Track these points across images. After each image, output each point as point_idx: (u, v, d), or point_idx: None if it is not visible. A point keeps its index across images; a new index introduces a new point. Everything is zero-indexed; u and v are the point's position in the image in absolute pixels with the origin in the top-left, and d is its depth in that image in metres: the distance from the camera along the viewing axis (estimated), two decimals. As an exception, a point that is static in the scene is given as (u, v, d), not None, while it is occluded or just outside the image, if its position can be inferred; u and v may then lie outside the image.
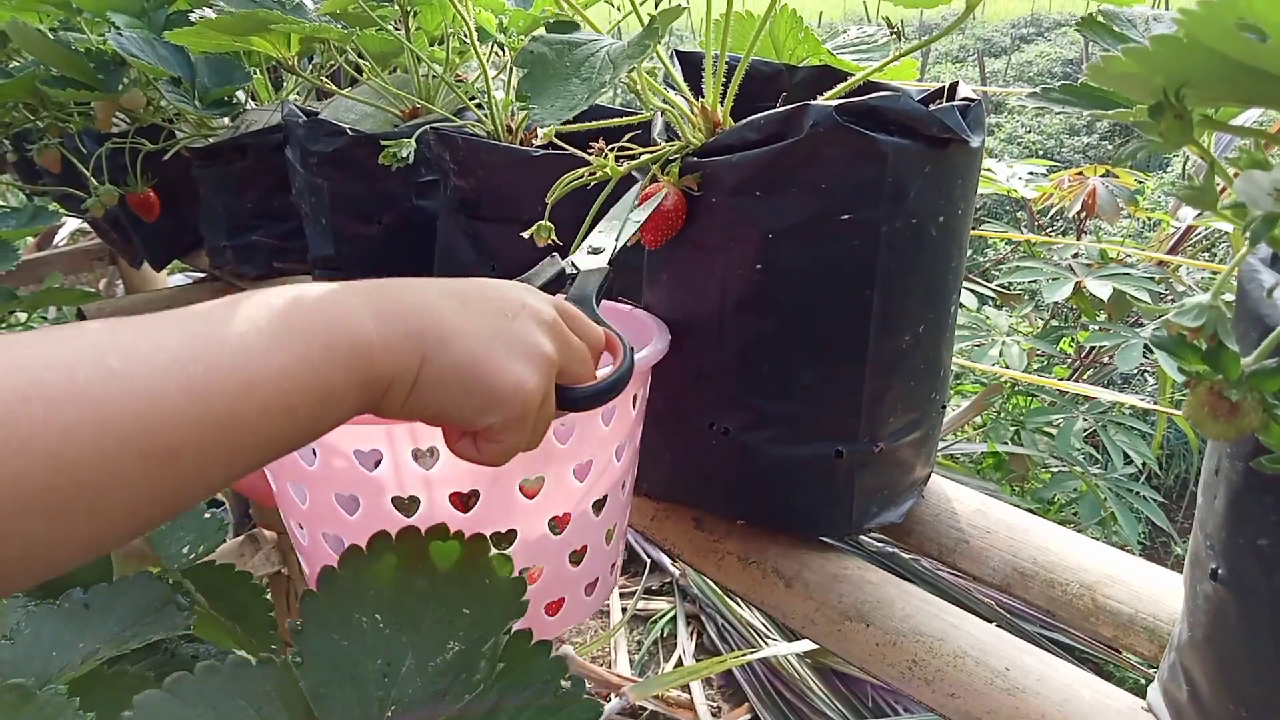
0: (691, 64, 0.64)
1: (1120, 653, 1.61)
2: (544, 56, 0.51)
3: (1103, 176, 2.49)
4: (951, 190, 0.57)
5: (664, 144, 0.60)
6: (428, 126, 0.79)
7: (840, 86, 0.61)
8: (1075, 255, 2.35)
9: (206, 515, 0.72)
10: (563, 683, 0.45)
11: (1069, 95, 0.51)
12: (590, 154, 0.60)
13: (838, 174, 0.54)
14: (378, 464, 0.50)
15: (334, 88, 0.96)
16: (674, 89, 0.61)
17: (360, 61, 0.95)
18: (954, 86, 0.61)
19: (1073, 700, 0.49)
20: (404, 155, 0.76)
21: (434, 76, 0.94)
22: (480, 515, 0.51)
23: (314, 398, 0.33)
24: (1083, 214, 2.52)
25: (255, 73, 1.03)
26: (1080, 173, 2.57)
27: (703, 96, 0.61)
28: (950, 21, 0.57)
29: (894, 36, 0.58)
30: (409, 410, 0.38)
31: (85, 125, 1.10)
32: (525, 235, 0.61)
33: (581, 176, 0.60)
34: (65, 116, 1.08)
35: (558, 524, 0.54)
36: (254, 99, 1.10)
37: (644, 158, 0.59)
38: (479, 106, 0.86)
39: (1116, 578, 0.59)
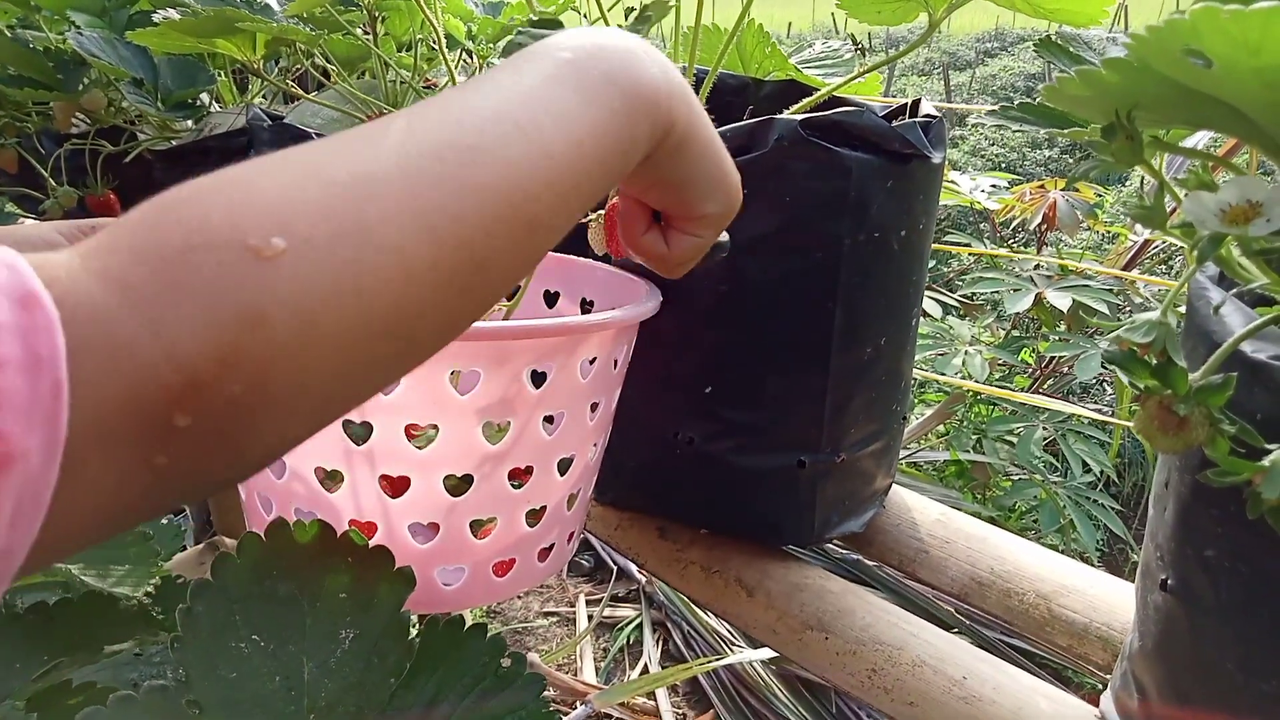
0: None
1: (1076, 660, 1.64)
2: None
3: (1063, 190, 2.54)
4: (913, 205, 0.58)
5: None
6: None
7: (805, 101, 0.61)
8: (1036, 267, 2.39)
9: (164, 521, 0.71)
10: (503, 662, 0.45)
11: (1027, 114, 0.52)
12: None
13: (802, 187, 0.55)
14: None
15: (300, 92, 0.95)
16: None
17: (327, 66, 0.94)
18: (916, 103, 0.62)
19: (1027, 708, 0.50)
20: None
21: (401, 82, 0.94)
22: (436, 453, 0.49)
23: (622, 148, 0.34)
24: (1044, 226, 2.57)
25: (220, 75, 1.02)
26: (1042, 186, 2.62)
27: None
28: (916, 35, 0.58)
29: (859, 52, 0.58)
30: (668, 166, 0.38)
31: (44, 125, 1.08)
32: None
33: None
34: (23, 116, 1.06)
35: (518, 477, 0.52)
36: (218, 102, 1.09)
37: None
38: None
39: (1072, 588, 0.60)
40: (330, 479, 0.51)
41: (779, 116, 0.55)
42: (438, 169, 0.28)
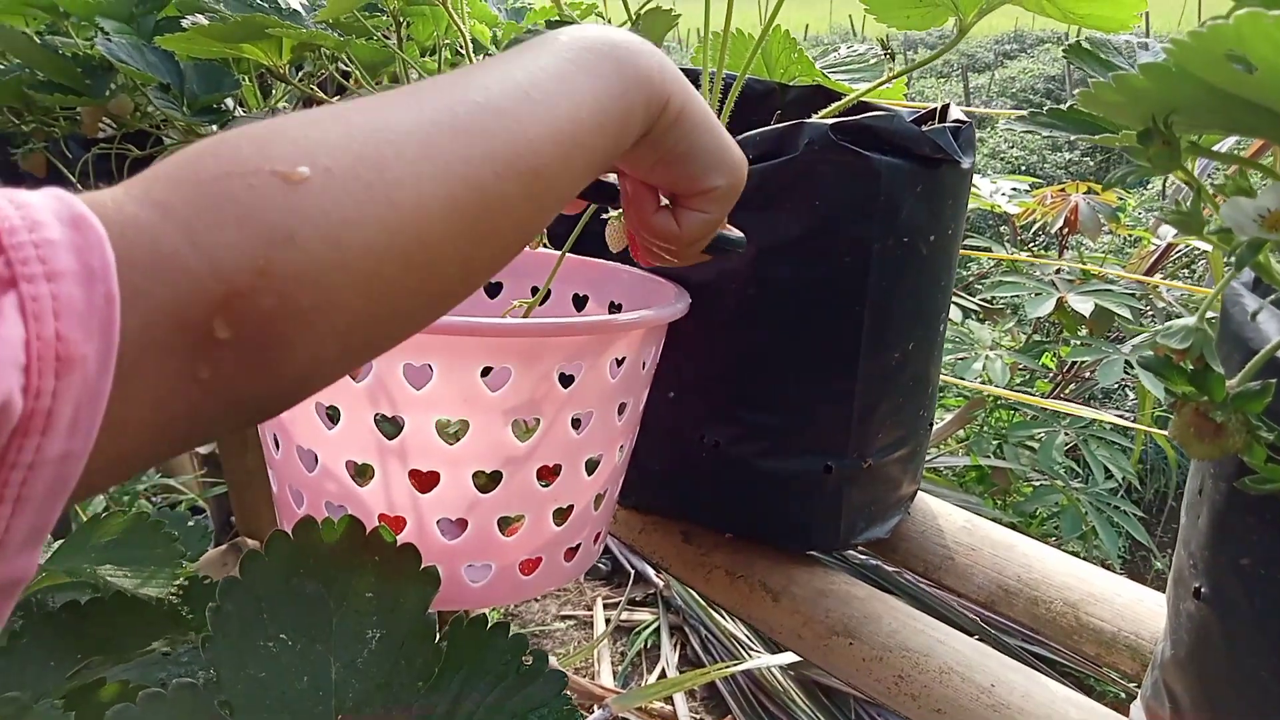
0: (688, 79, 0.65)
1: (1102, 669, 1.62)
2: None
3: (1085, 194, 2.52)
4: (942, 210, 0.58)
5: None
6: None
7: (833, 106, 0.61)
8: (1058, 271, 2.37)
9: (190, 523, 0.72)
10: (524, 660, 0.45)
11: (1057, 120, 0.51)
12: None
13: (831, 191, 0.55)
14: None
15: (324, 96, 0.95)
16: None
17: (351, 70, 0.95)
18: (945, 108, 0.62)
19: (1057, 717, 0.50)
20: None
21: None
22: (465, 449, 0.49)
23: (620, 116, 0.36)
24: (1065, 230, 2.55)
25: (244, 80, 1.03)
26: (1063, 189, 2.60)
27: (696, 112, 0.61)
28: (934, 38, 0.58)
29: (888, 56, 0.58)
30: (669, 140, 0.40)
31: (71, 130, 1.09)
32: None
33: None
34: (51, 121, 1.08)
35: (546, 476, 0.52)
36: (242, 106, 1.10)
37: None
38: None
39: (1099, 596, 0.59)
40: (360, 474, 0.51)
41: (808, 121, 0.55)
42: (448, 120, 0.30)
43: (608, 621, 2.04)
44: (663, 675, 1.90)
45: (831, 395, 0.58)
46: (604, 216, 0.59)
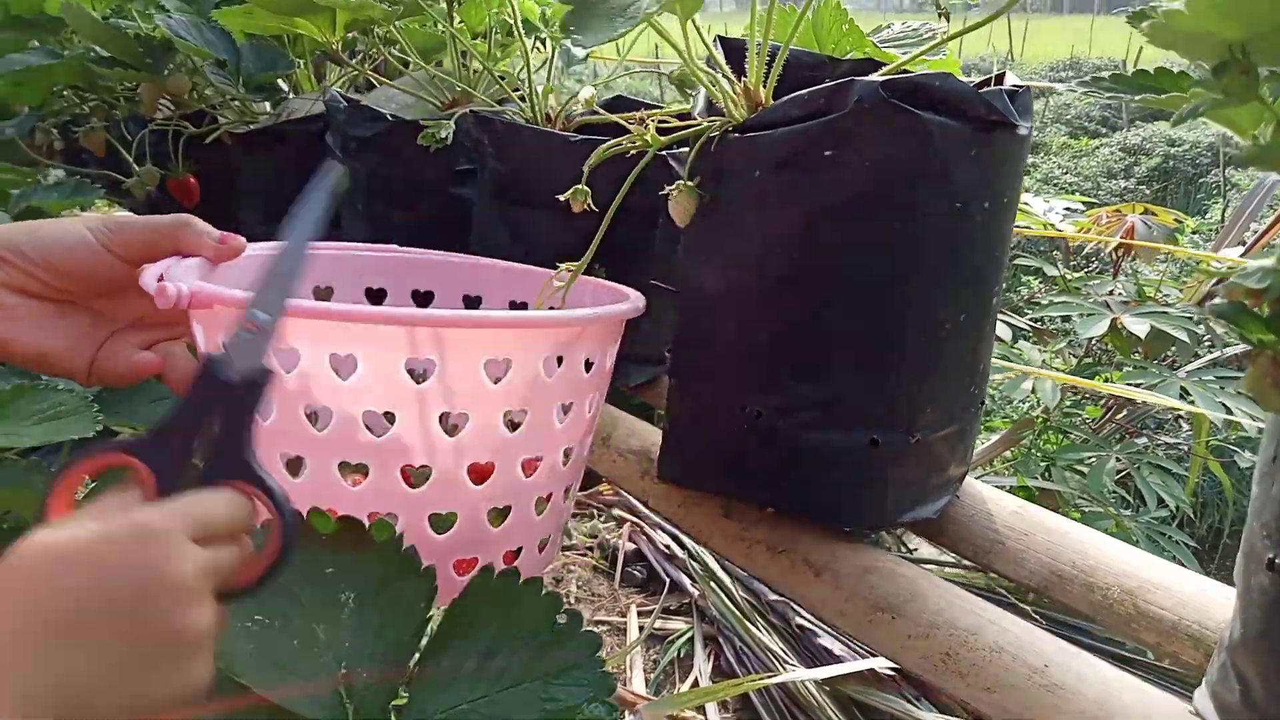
0: (734, 49, 0.64)
1: (1160, 662, 1.55)
2: (586, -2, 0.51)
3: (1142, 214, 2.47)
4: (997, 176, 0.56)
5: (704, 120, 0.60)
6: (468, 110, 0.79)
7: (885, 69, 0.60)
8: (1111, 292, 2.32)
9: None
10: (559, 618, 0.44)
11: (1118, 84, 0.50)
12: (632, 125, 0.59)
13: (881, 152, 0.53)
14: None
15: (380, 78, 0.96)
16: (717, 71, 0.61)
17: (403, 55, 0.96)
18: (1000, 78, 0.60)
19: (1112, 700, 0.47)
20: (443, 136, 0.76)
21: (474, 70, 0.95)
22: (392, 442, 0.50)
23: None
24: (1120, 251, 2.49)
25: (299, 64, 1.04)
26: (1118, 210, 2.55)
27: (745, 78, 0.60)
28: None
29: (942, 17, 0.57)
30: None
31: (130, 112, 1.12)
32: (561, 198, 0.61)
33: (621, 145, 0.60)
34: (112, 100, 1.10)
35: (475, 474, 0.52)
36: (296, 91, 1.11)
37: (686, 130, 0.59)
38: (521, 98, 0.87)
39: (1159, 584, 0.56)
40: (292, 469, 0.52)
41: (859, 79, 0.53)
42: None
43: (641, 629, 2.02)
44: (695, 685, 1.87)
45: (878, 366, 0.56)
46: (666, 190, 0.58)
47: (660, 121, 0.60)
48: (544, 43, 0.90)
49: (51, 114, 1.21)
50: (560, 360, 0.53)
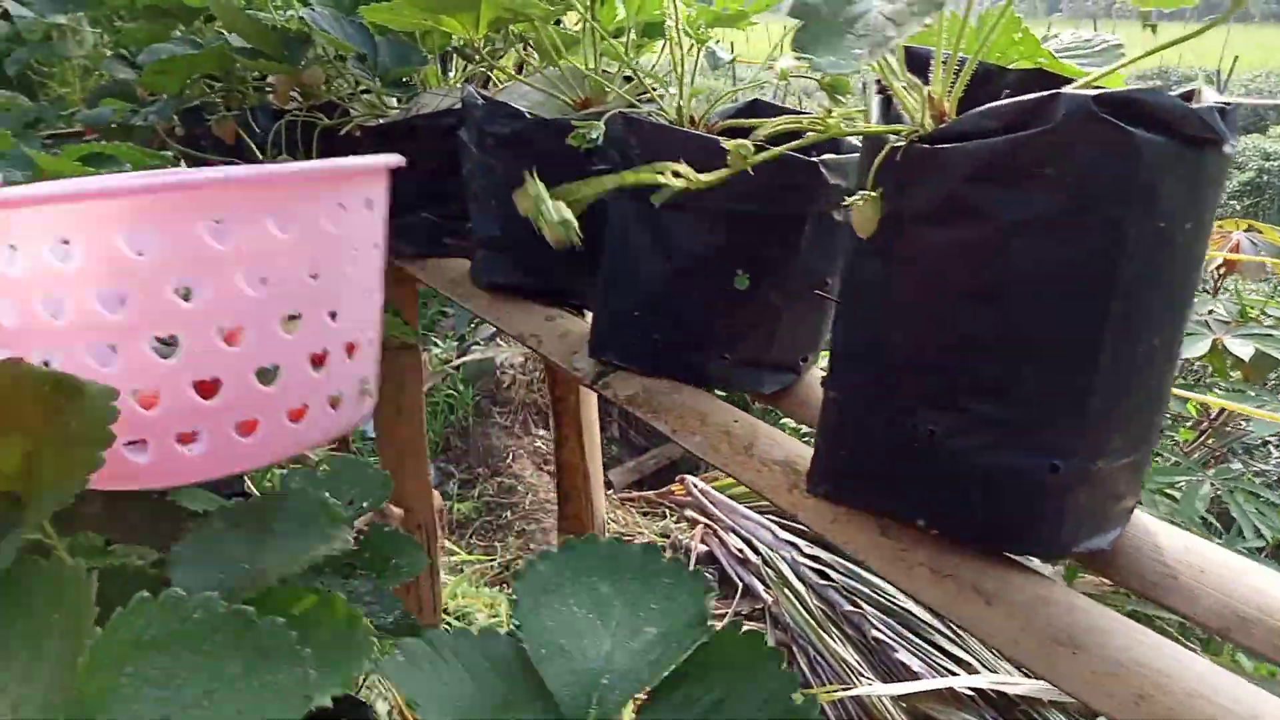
0: (915, 58, 0.62)
1: None
2: (817, 9, 0.50)
3: (1246, 230, 2.38)
4: (1202, 197, 0.54)
5: (882, 125, 0.58)
6: (616, 111, 0.78)
7: (1080, 82, 0.58)
8: (1210, 311, 2.24)
9: (370, 471, 0.72)
10: (791, 698, 0.42)
11: None
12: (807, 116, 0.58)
13: (1086, 168, 0.51)
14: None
15: (508, 73, 0.96)
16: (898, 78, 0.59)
17: (534, 53, 0.96)
18: (1189, 95, 0.58)
19: (1331, 756, 0.44)
20: (594, 137, 0.75)
21: (605, 71, 0.94)
22: (130, 319, 0.50)
23: None
24: (1223, 269, 2.41)
25: (430, 59, 1.05)
26: (1220, 226, 2.46)
27: (929, 87, 0.59)
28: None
29: (1149, 28, 0.54)
30: None
31: (260, 101, 1.13)
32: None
33: (802, 124, 0.59)
34: (244, 90, 1.12)
35: (228, 336, 0.52)
36: (424, 86, 1.12)
37: (870, 127, 0.57)
38: (648, 99, 0.86)
39: (1357, 630, 0.53)
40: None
41: (1066, 91, 0.51)
42: None
43: (716, 634, 2.00)
44: (773, 694, 1.85)
45: (1068, 389, 0.54)
46: (846, 201, 0.57)
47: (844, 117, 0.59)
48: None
49: (178, 100, 1.23)
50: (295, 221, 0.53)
